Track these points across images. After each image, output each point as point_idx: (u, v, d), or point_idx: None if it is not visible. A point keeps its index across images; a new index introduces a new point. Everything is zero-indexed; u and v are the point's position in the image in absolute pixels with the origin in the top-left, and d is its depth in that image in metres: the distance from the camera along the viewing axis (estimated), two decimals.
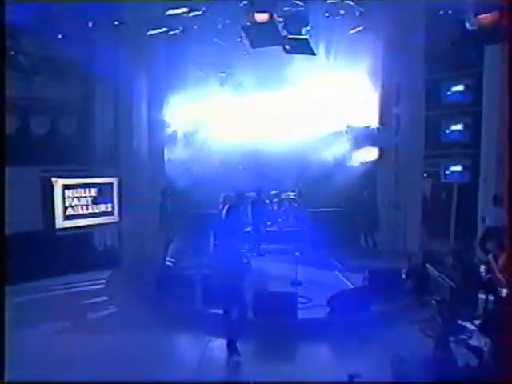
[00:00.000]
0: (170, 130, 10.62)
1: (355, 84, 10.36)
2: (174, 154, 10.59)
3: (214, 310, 5.79)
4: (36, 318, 6.00)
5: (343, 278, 8.08)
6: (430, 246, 10.06)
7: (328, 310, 6.09)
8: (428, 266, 4.64)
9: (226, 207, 9.18)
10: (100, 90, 9.75)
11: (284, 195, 11.43)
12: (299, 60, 9.99)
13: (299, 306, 6.04)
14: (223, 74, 11.09)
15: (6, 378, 3.38)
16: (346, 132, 10.78)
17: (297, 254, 8.06)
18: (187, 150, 10.77)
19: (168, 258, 9.03)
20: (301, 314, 5.93)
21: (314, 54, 7.30)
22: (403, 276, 6.40)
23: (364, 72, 10.15)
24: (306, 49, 6.70)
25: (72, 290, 7.57)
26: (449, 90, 9.93)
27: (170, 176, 10.00)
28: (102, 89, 9.67)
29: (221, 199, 10.39)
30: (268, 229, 10.54)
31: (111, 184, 8.90)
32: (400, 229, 10.21)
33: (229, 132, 11.30)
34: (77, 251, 8.32)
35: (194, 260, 8.30)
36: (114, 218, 9.00)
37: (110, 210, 8.88)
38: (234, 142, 11.15)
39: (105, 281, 8.09)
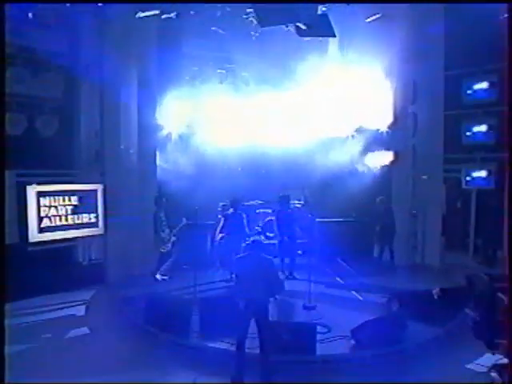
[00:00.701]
0: (162, 132, 9.62)
1: (368, 80, 9.41)
2: (167, 158, 9.60)
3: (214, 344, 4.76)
4: None
5: (360, 297, 7.07)
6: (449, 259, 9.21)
7: (353, 342, 5.05)
8: (501, 295, 3.63)
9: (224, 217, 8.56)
10: (84, 86, 8.77)
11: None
12: (309, 54, 9.18)
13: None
14: (222, 71, 10.11)
15: None
16: (358, 133, 9.81)
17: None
18: (182, 153, 9.75)
19: (160, 274, 7.99)
20: (321, 349, 4.88)
21: (333, 34, 6.31)
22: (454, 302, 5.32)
23: (378, 66, 9.21)
24: (324, 27, 5.70)
25: (45, 315, 6.44)
26: (470, 87, 9.07)
27: (162, 182, 8.98)
28: (87, 85, 8.67)
29: (219, 208, 9.42)
30: (270, 241, 9.52)
31: (95, 191, 7.83)
32: (418, 239, 9.23)
33: (228, 134, 10.29)
34: (54, 269, 7.22)
35: (188, 277, 7.21)
36: (99, 230, 7.91)
37: (93, 220, 7.79)
38: (233, 145, 10.16)
39: (85, 305, 6.94)
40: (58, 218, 7.20)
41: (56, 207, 7.15)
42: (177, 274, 8.00)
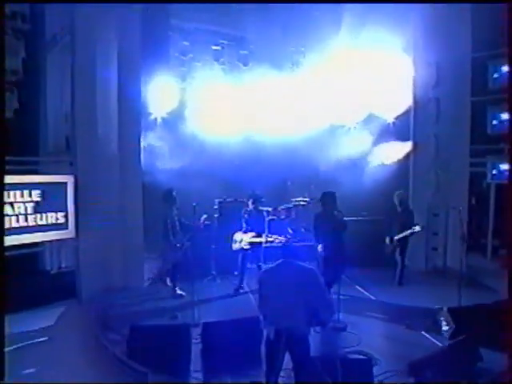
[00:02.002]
0: (148, 116, 8.23)
1: (385, 61, 8.27)
2: (153, 147, 8.20)
3: None
4: None
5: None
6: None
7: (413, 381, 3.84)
8: None
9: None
10: (52, 59, 7.27)
11: (293, 201, 9.15)
12: (318, 32, 7.96)
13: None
14: (217, 47, 8.77)
15: None
16: (370, 122, 8.67)
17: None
18: (170, 141, 8.36)
19: (178, 288, 6.77)
20: None
21: None
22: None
23: (396, 45, 8.09)
24: None
25: None
26: (497, 71, 8.05)
27: (148, 174, 7.58)
28: (55, 56, 7.18)
29: (216, 206, 8.12)
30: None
31: (64, 184, 6.34)
32: (439, 241, 8.16)
33: (223, 121, 8.96)
34: (14, 279, 5.69)
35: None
36: (68, 233, 6.42)
37: (61, 221, 6.30)
38: (228, 133, 8.83)
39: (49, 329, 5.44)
40: (14, 218, 5.69)
41: (12, 204, 5.65)
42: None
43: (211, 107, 8.79)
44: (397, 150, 8.47)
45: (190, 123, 8.67)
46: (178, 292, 6.75)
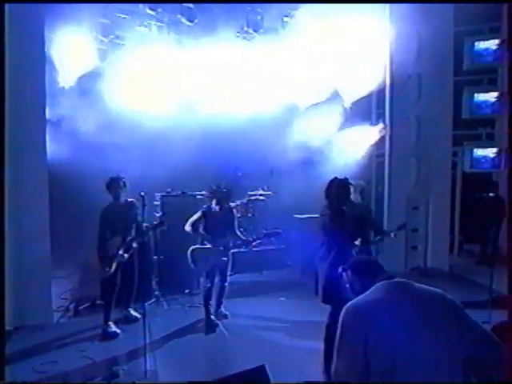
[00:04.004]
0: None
1: (356, 29, 7.00)
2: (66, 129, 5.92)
3: None
4: None
5: None
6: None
7: None
8: None
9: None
10: None
11: (250, 194, 7.45)
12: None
13: None
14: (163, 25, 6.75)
15: None
16: (342, 100, 7.37)
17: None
18: (92, 122, 6.11)
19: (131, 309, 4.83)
20: None
21: None
22: None
23: (371, 12, 6.87)
24: None
25: None
26: (475, 47, 7.32)
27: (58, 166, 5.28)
28: None
29: (156, 201, 6.03)
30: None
31: None
32: (420, 239, 7.19)
33: (158, 93, 6.95)
34: None
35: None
36: None
37: None
38: (168, 112, 6.85)
39: None
40: None
41: None
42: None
43: (141, 75, 6.72)
44: (372, 134, 7.30)
45: (114, 93, 6.47)
46: (133, 314, 4.76)
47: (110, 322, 4.47)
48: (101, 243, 4.38)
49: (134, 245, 4.52)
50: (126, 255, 4.39)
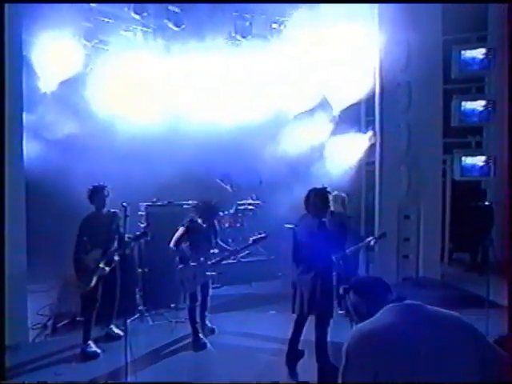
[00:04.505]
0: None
1: (347, 40, 6.94)
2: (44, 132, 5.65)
3: None
4: None
5: None
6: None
7: None
8: None
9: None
10: None
11: (239, 204, 7.24)
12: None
13: None
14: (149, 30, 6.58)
15: None
16: (332, 108, 7.27)
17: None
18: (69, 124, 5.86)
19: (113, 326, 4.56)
20: None
21: None
22: None
23: (360, 18, 6.83)
24: None
25: None
26: (462, 55, 7.33)
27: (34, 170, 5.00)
28: None
29: (141, 212, 5.76)
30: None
31: None
32: (410, 248, 7.07)
33: (142, 100, 6.76)
34: None
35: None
36: None
37: None
38: (149, 119, 6.66)
39: None
40: None
41: None
42: None
43: (126, 81, 6.53)
44: (362, 141, 7.20)
45: (97, 100, 6.24)
46: (115, 331, 4.47)
47: (90, 341, 4.18)
48: (78, 255, 4.11)
49: (116, 257, 4.27)
50: (107, 268, 4.12)
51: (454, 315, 1.67)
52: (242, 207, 7.20)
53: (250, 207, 7.24)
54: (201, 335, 4.54)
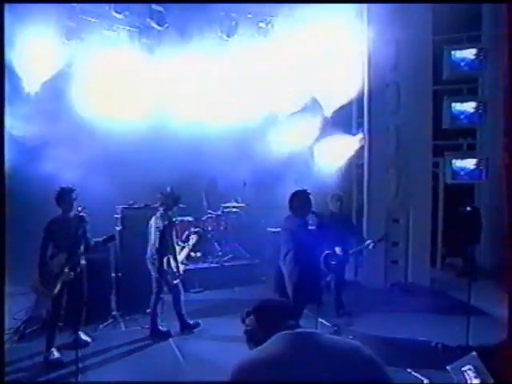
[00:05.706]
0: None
1: (333, 35, 6.78)
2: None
3: None
4: None
5: None
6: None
7: None
8: None
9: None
10: None
11: (223, 206, 7.08)
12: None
13: None
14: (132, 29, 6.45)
15: None
16: (322, 109, 7.12)
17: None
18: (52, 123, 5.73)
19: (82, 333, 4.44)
20: None
21: None
22: None
23: (348, 17, 6.67)
24: None
25: None
26: (453, 56, 7.13)
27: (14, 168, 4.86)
28: None
29: (117, 214, 5.61)
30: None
31: None
32: (399, 253, 6.87)
33: (126, 101, 6.64)
34: None
35: None
36: None
37: None
38: (133, 117, 6.54)
39: None
40: None
41: None
42: None
43: (108, 81, 6.42)
44: (350, 144, 7.04)
45: (78, 100, 6.13)
46: (83, 338, 4.36)
47: (53, 349, 4.02)
48: (42, 259, 3.97)
49: (83, 261, 4.12)
50: (71, 273, 3.98)
51: (353, 346, 1.47)
52: (227, 209, 7.04)
53: (235, 209, 7.07)
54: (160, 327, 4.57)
